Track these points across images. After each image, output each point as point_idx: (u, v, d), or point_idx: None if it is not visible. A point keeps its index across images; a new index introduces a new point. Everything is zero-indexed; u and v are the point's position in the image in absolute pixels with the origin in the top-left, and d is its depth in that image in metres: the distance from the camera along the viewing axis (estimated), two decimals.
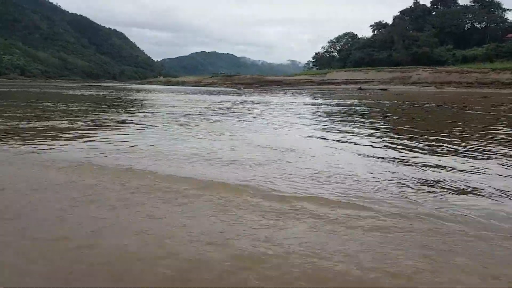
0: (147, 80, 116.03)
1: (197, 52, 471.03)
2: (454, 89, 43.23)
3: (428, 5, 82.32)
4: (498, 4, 74.92)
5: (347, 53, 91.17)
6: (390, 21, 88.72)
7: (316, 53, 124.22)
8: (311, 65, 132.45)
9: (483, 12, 74.32)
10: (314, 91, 45.53)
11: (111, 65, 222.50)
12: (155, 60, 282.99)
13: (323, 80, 61.01)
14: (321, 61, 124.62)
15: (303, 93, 36.36)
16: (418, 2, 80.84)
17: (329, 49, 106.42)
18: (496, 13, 75.27)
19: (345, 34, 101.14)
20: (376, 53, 78.98)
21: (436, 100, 24.87)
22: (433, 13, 78.52)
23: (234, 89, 54.08)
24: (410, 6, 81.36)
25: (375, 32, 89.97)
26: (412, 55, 67.13)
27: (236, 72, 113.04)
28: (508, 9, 74.55)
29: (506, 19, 74.03)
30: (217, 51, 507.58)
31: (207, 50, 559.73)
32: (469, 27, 76.35)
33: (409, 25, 78.99)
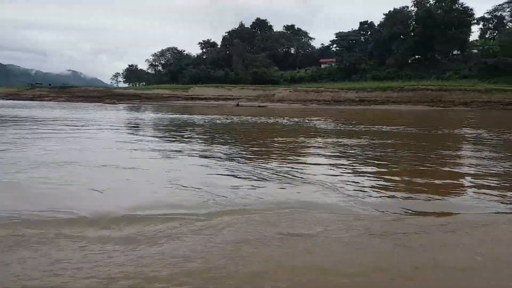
0: None
1: None
2: (317, 106, 51.22)
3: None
4: (306, 33, 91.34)
5: (178, 69, 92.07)
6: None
7: (129, 66, 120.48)
8: (119, 78, 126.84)
9: (294, 39, 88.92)
10: (199, 108, 45.34)
11: None
12: None
13: (188, 95, 60.65)
14: (135, 74, 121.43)
15: (210, 112, 36.22)
16: (244, 25, 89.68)
17: (154, 63, 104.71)
18: (304, 40, 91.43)
19: (168, 49, 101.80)
20: (212, 71, 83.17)
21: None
22: (257, 37, 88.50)
23: (105, 104, 47.98)
24: (237, 28, 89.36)
25: (204, 50, 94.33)
26: (252, 74, 74.19)
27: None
28: (313, 38, 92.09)
29: (313, 46, 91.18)
30: None
31: None
32: (285, 50, 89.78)
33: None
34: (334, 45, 78.64)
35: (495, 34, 67.89)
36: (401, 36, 67.06)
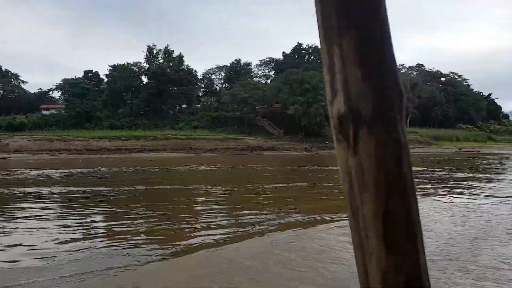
0: None
1: None
2: (68, 156, 45.72)
3: None
4: (16, 75, 78.21)
5: None
6: None
7: None
8: None
9: (2, 81, 75.20)
10: None
11: None
12: None
13: None
14: None
15: None
16: None
17: None
18: (13, 82, 78.34)
19: None
20: None
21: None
22: None
23: None
24: None
25: None
26: None
27: None
28: (25, 81, 79.99)
29: (27, 90, 79.23)
30: None
31: None
32: None
33: None
34: (59, 91, 72.38)
35: (207, 91, 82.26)
36: (133, 88, 70.10)
